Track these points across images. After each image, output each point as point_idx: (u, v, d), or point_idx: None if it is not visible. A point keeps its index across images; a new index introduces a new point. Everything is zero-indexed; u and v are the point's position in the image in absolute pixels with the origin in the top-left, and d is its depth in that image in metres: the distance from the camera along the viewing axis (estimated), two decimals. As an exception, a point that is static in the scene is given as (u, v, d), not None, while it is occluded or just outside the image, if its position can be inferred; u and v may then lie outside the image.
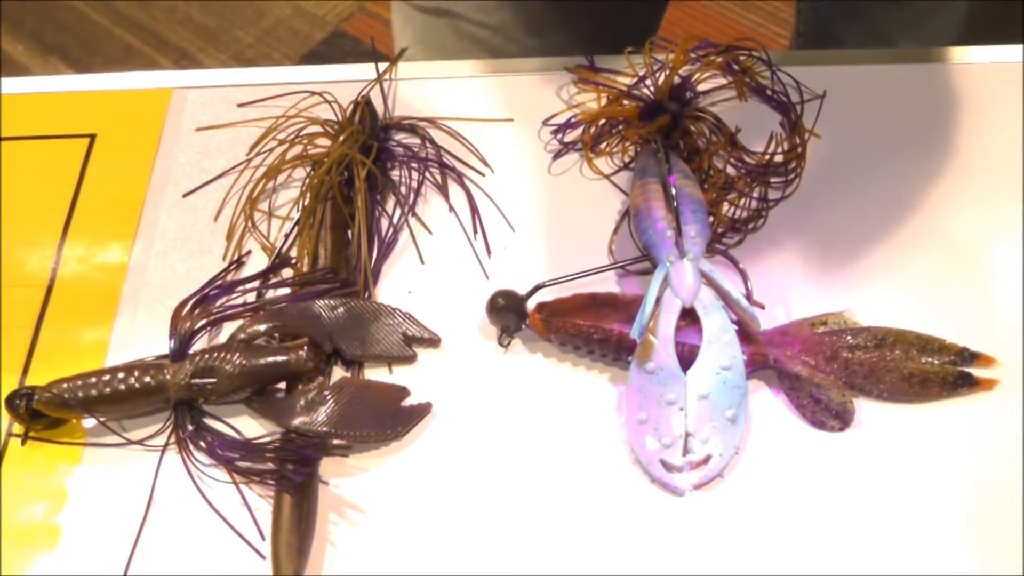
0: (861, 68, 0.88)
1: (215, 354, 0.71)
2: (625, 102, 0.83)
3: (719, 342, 0.70)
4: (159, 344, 0.73)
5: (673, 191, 0.72)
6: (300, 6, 2.53)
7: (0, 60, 2.41)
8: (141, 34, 2.50)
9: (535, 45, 1.09)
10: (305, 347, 0.72)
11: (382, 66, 0.87)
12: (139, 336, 0.76)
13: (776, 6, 2.34)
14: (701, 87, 0.84)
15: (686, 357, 0.70)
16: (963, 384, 0.70)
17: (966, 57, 0.88)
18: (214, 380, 0.70)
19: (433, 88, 0.89)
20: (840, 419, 0.69)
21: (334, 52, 2.42)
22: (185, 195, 0.84)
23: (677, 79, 0.82)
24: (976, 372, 0.70)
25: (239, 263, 0.80)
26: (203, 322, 0.74)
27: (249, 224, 0.81)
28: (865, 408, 0.70)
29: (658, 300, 0.71)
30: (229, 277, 0.78)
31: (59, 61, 2.43)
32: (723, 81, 0.85)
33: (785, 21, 2.27)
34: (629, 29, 1.15)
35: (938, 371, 0.70)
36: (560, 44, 1.09)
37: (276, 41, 2.47)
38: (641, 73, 0.83)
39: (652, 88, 0.82)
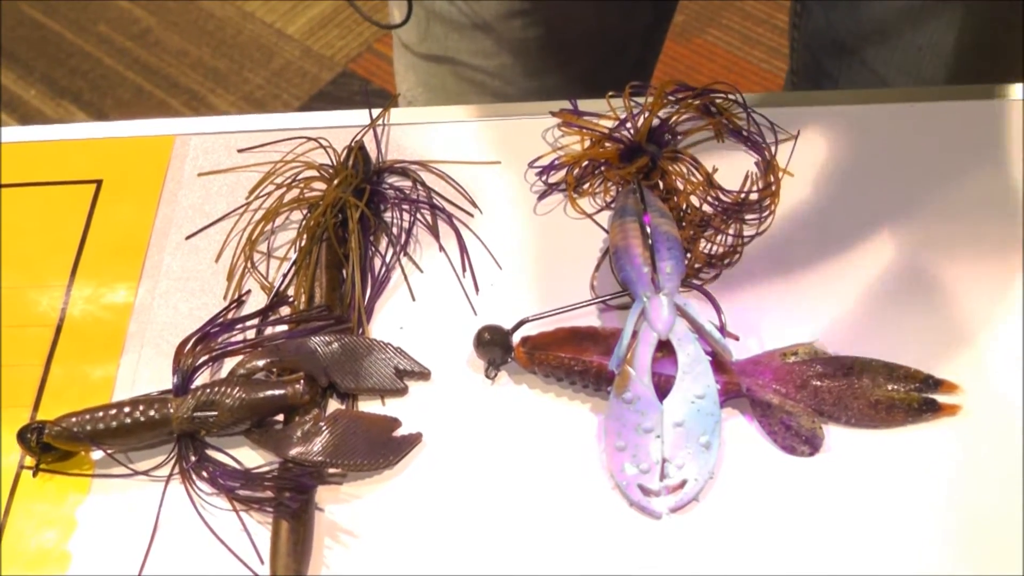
0: (836, 108, 0.90)
1: (216, 388, 0.73)
2: (607, 144, 0.86)
3: (693, 372, 0.72)
4: (163, 380, 0.76)
5: (648, 229, 0.75)
6: (308, 48, 2.56)
7: (7, 103, 2.43)
8: (152, 77, 2.53)
9: (533, 87, 1.12)
10: (301, 381, 0.74)
11: (376, 112, 0.90)
12: (144, 372, 0.79)
13: (780, 42, 2.38)
14: (681, 128, 0.87)
15: (662, 387, 0.73)
16: (928, 410, 0.72)
17: (942, 96, 0.91)
18: (215, 413, 0.73)
19: (425, 132, 0.92)
20: (810, 444, 0.71)
21: (342, 92, 2.45)
22: (188, 237, 0.87)
23: (656, 122, 0.85)
24: (940, 398, 0.72)
25: (239, 302, 0.82)
26: (204, 358, 0.77)
27: (248, 264, 0.84)
28: (834, 434, 0.72)
29: (635, 333, 0.73)
30: (230, 315, 0.81)
31: (71, 104, 2.46)
32: (701, 122, 0.87)
33: (787, 56, 2.28)
34: (626, 69, 1.17)
35: (904, 398, 0.73)
36: (558, 85, 1.12)
37: (285, 83, 2.50)
38: (622, 116, 0.86)
39: (632, 131, 0.85)
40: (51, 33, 2.60)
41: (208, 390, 0.73)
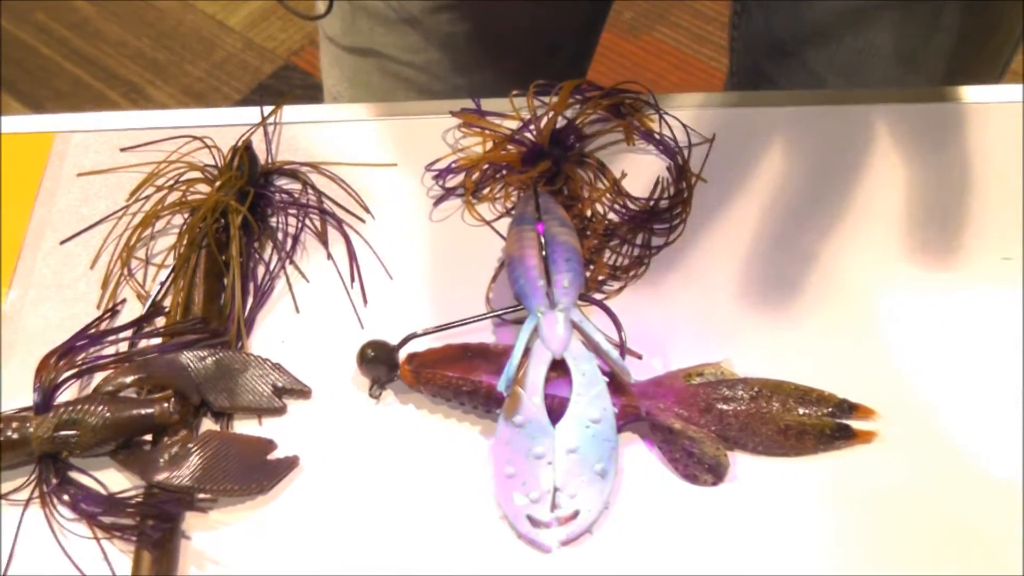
0: (755, 111, 0.87)
1: (79, 406, 0.69)
2: (509, 147, 0.82)
3: (589, 394, 0.69)
4: (31, 395, 0.72)
5: (542, 239, 0.71)
6: (250, 40, 2.52)
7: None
8: (91, 68, 2.49)
9: (463, 84, 1.09)
10: (172, 399, 0.70)
11: (267, 109, 0.86)
12: (11, 387, 0.75)
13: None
14: (589, 130, 0.83)
15: (556, 410, 0.69)
16: (841, 437, 0.69)
17: (868, 99, 0.88)
18: (77, 433, 0.69)
19: (320, 131, 0.88)
20: (713, 473, 0.68)
21: (284, 85, 2.42)
22: (63, 242, 0.82)
23: (562, 123, 0.81)
24: (855, 424, 0.69)
25: (113, 312, 0.78)
26: (69, 373, 0.73)
27: (125, 272, 0.80)
28: (740, 462, 0.69)
29: (528, 351, 0.70)
30: (102, 326, 0.76)
31: (7, 95, 2.42)
32: (610, 124, 0.84)
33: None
34: (560, 66, 1.14)
35: (815, 423, 0.69)
36: (489, 83, 1.08)
37: (226, 75, 2.46)
38: (526, 117, 0.82)
39: (536, 132, 0.81)
40: (-16, 21, 2.56)
41: (71, 408, 0.69)
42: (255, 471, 0.70)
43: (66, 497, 0.69)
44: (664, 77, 2.32)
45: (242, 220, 0.79)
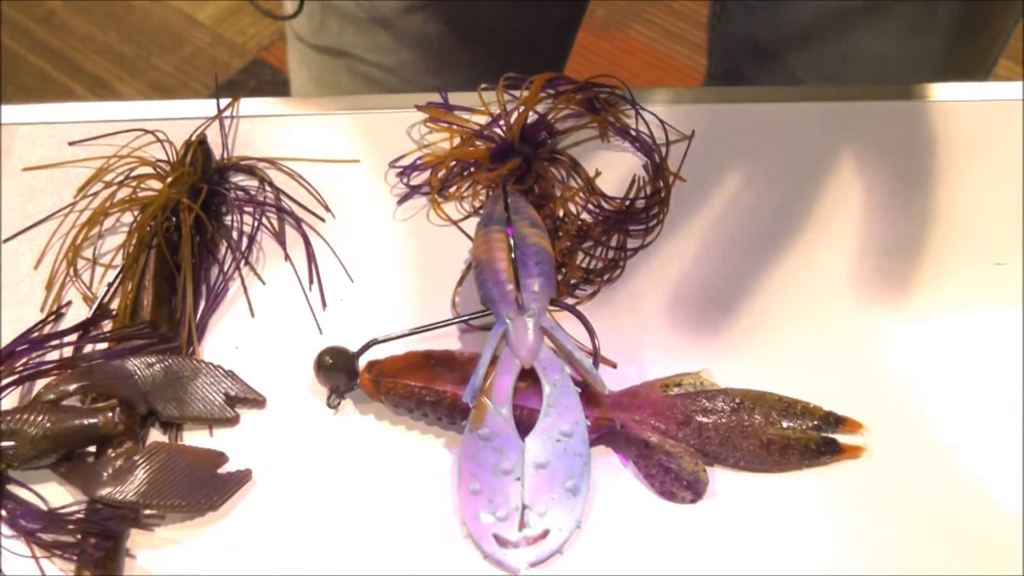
0: (735, 107, 0.84)
1: (18, 416, 0.66)
2: (477, 143, 0.79)
3: (559, 406, 0.65)
4: (-34, 404, 0.68)
5: (511, 241, 0.68)
6: (220, 35, 2.51)
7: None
8: (57, 61, 2.46)
9: (434, 86, 1.06)
10: (116, 408, 0.67)
11: (224, 102, 0.83)
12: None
13: (704, 38, 2.29)
14: (561, 126, 0.81)
15: (525, 422, 0.65)
16: (827, 451, 0.66)
17: (852, 96, 0.86)
18: (15, 444, 0.65)
19: (279, 126, 0.85)
20: (692, 490, 0.65)
21: (253, 81, 2.41)
22: (5, 240, 0.79)
23: (533, 118, 0.78)
24: (842, 438, 0.66)
25: (57, 315, 0.75)
26: (8, 380, 0.69)
27: (71, 272, 0.76)
28: (720, 478, 0.66)
29: (495, 360, 0.66)
30: (47, 330, 0.73)
31: (-31, 87, 2.40)
32: (584, 120, 0.81)
33: (708, 58, 2.28)
34: (536, 68, 1.13)
35: (800, 437, 0.66)
36: (461, 85, 1.07)
37: (195, 70, 2.45)
38: (496, 111, 0.79)
39: (505, 128, 0.78)
40: (-53, 13, 2.53)
41: (9, 417, 0.65)
42: (205, 486, 0.66)
43: (3, 513, 0.66)
44: (638, 76, 2.31)
45: (195, 218, 0.75)
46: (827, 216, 0.78)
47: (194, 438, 0.69)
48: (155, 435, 0.69)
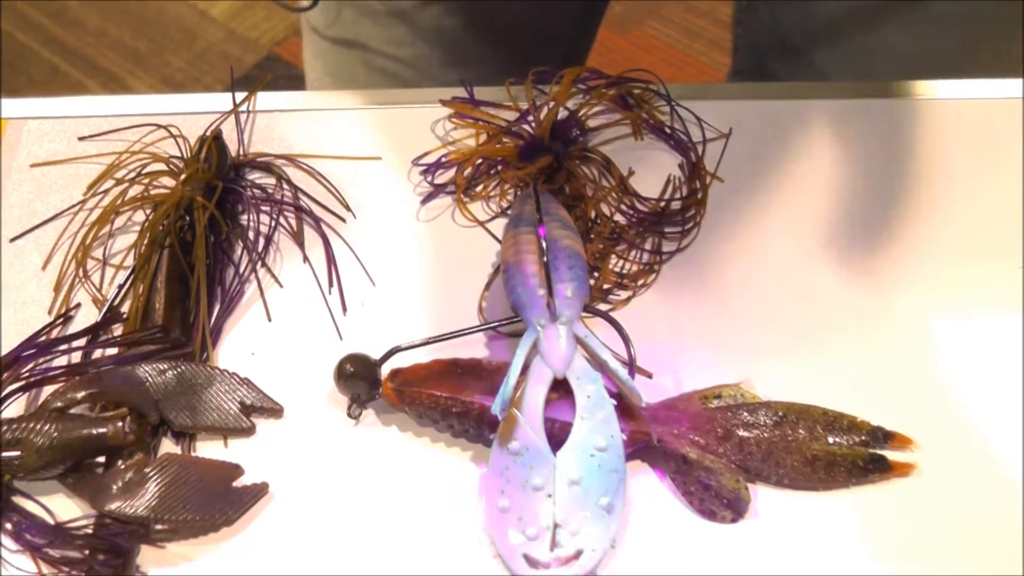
0: (773, 103, 0.82)
1: (24, 424, 0.64)
2: (505, 140, 0.77)
3: (594, 419, 0.63)
4: (-28, 411, 0.66)
5: (543, 244, 0.66)
6: (233, 30, 2.51)
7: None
8: (69, 56, 2.46)
9: (451, 80, 1.06)
10: (126, 418, 0.65)
11: (240, 96, 0.81)
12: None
13: (721, 35, 2.30)
14: (593, 122, 0.79)
15: (557, 435, 0.63)
16: (875, 469, 0.64)
17: (892, 92, 0.84)
18: (20, 454, 0.64)
19: (298, 121, 0.83)
20: (733, 508, 0.63)
21: (268, 75, 2.39)
22: (12, 239, 0.77)
23: (563, 114, 0.77)
24: (891, 455, 0.64)
25: (66, 318, 0.73)
26: (14, 387, 0.67)
27: (80, 273, 0.74)
28: (762, 496, 0.64)
29: (526, 369, 0.64)
30: (54, 334, 0.71)
31: (-19, 82, 2.40)
32: (616, 117, 0.80)
33: (729, 51, 2.28)
34: (554, 62, 1.13)
35: (847, 453, 0.64)
36: (479, 79, 1.06)
37: (207, 65, 2.45)
38: (524, 107, 0.78)
39: (534, 124, 0.77)
40: (-42, 6, 2.54)
41: (15, 426, 0.64)
42: (219, 500, 0.64)
43: (8, 526, 0.64)
44: (654, 73, 2.30)
45: (209, 217, 0.74)
46: (872, 218, 0.76)
47: (208, 449, 0.67)
48: (167, 446, 0.68)
